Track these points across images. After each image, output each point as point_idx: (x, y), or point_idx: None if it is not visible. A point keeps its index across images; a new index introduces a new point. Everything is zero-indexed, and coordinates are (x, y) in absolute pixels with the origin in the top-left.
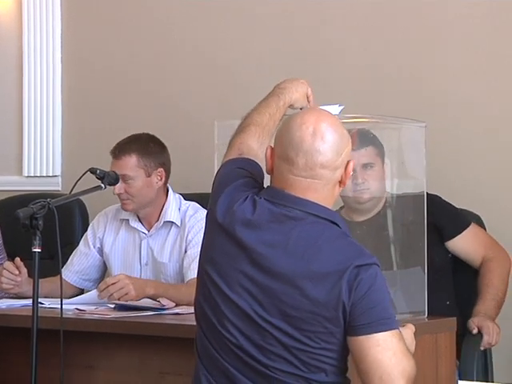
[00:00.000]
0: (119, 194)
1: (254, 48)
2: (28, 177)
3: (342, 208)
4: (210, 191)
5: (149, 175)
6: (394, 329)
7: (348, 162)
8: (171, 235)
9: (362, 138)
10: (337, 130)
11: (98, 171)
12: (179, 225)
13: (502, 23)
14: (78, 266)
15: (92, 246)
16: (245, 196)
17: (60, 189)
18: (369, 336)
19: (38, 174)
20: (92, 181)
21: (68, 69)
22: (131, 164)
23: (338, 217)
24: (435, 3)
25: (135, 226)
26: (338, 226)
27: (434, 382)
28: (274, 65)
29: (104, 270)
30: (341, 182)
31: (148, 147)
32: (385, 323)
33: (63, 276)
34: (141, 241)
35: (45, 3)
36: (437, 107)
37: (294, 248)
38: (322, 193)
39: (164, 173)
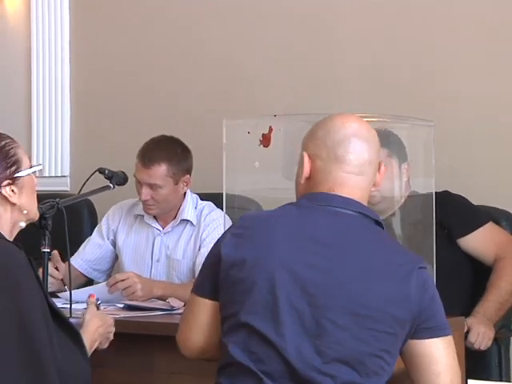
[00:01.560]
0: (145, 200)
1: (261, 46)
2: (37, 177)
3: None
4: (218, 191)
5: (176, 183)
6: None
7: (380, 162)
8: (186, 233)
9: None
10: (372, 129)
11: (107, 171)
12: (195, 223)
13: (502, 23)
14: (90, 255)
15: (106, 238)
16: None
17: (69, 189)
18: (444, 338)
19: (47, 175)
20: (100, 181)
21: (76, 69)
22: (160, 173)
23: (379, 217)
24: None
25: (150, 223)
26: (382, 226)
27: None
28: (281, 63)
29: (115, 262)
30: (375, 182)
31: (176, 155)
32: (449, 326)
33: (74, 263)
34: (154, 237)
35: (53, 4)
36: (446, 106)
37: (351, 246)
38: (365, 191)
39: (189, 178)
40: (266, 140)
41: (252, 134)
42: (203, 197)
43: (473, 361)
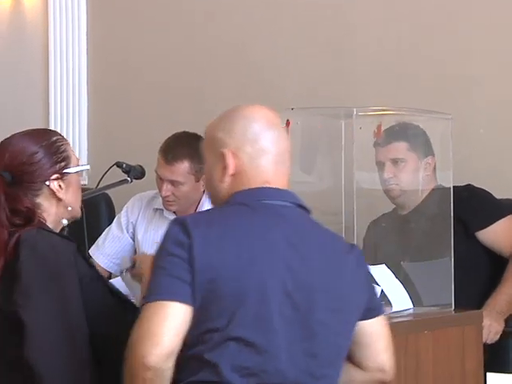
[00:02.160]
0: (166, 197)
1: (277, 40)
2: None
3: None
4: None
5: (198, 180)
6: None
7: None
8: None
9: (393, 133)
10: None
11: (124, 165)
12: None
13: None
14: (109, 248)
15: (125, 231)
16: None
17: (86, 183)
18: (383, 315)
19: None
20: (118, 175)
21: (94, 64)
22: (182, 170)
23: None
24: None
25: (169, 217)
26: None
27: (461, 375)
28: (299, 56)
29: (134, 255)
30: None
31: (198, 152)
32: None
33: (94, 258)
34: None
35: (70, 0)
36: (461, 97)
37: (309, 243)
38: (288, 180)
39: None
40: None
41: None
42: None
43: (489, 354)
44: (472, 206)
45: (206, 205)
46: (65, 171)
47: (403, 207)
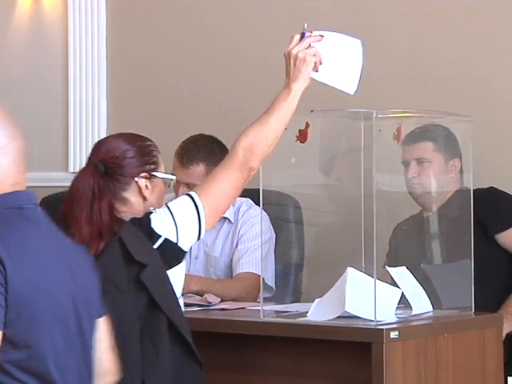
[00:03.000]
0: None
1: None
2: (74, 173)
3: None
4: (254, 187)
5: None
6: None
7: None
8: (223, 230)
9: (421, 133)
10: None
11: None
12: (232, 221)
13: None
14: None
15: None
16: None
17: None
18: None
19: None
20: None
21: (113, 66)
22: (198, 173)
23: None
24: None
25: None
26: None
27: (481, 378)
28: None
29: None
30: None
31: (214, 155)
32: None
33: None
34: None
35: (90, 4)
36: (482, 99)
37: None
38: None
39: None
40: (302, 136)
41: (288, 130)
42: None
43: (509, 358)
44: (492, 209)
45: None
46: (153, 173)
47: (425, 208)
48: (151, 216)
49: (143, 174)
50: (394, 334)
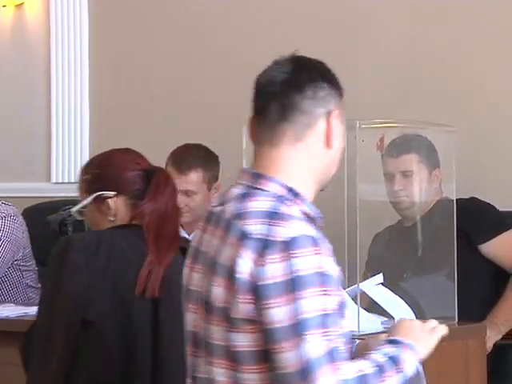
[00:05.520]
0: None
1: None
2: (56, 183)
3: None
4: None
5: (209, 189)
6: None
7: None
8: None
9: (403, 145)
10: None
11: None
12: None
13: None
14: None
15: None
16: None
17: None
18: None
19: (66, 181)
20: None
21: (96, 75)
22: (196, 179)
23: None
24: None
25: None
26: None
27: None
28: None
29: None
30: None
31: (209, 162)
32: None
33: None
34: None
35: (72, 11)
36: (462, 108)
37: None
38: None
39: (220, 185)
40: None
41: None
42: None
43: (492, 367)
44: (474, 219)
45: None
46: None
47: (408, 218)
48: None
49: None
50: None
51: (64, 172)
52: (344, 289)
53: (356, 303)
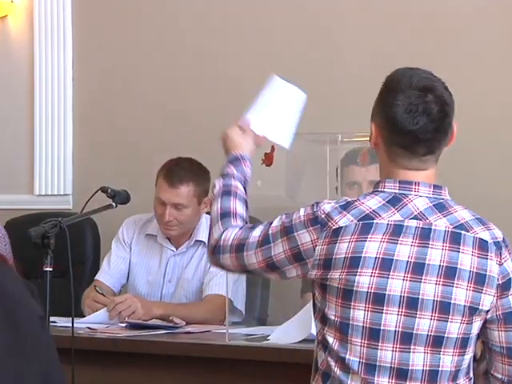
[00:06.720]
0: (168, 221)
1: (264, 62)
2: (39, 195)
3: None
4: None
5: (199, 203)
6: None
7: None
8: (198, 253)
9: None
10: None
11: (109, 190)
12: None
13: (497, 25)
14: (115, 269)
15: (128, 250)
16: None
17: (71, 207)
18: None
19: (49, 193)
20: (103, 199)
21: (79, 87)
22: (187, 193)
23: None
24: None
25: (163, 243)
26: None
27: None
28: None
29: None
30: None
31: (199, 176)
32: None
33: (104, 280)
34: (168, 258)
35: (56, 23)
36: None
37: None
38: None
39: (210, 200)
40: (268, 159)
41: (254, 153)
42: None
43: None
44: None
45: (201, 229)
46: None
47: None
48: None
49: None
50: None
51: (47, 184)
52: None
53: None
